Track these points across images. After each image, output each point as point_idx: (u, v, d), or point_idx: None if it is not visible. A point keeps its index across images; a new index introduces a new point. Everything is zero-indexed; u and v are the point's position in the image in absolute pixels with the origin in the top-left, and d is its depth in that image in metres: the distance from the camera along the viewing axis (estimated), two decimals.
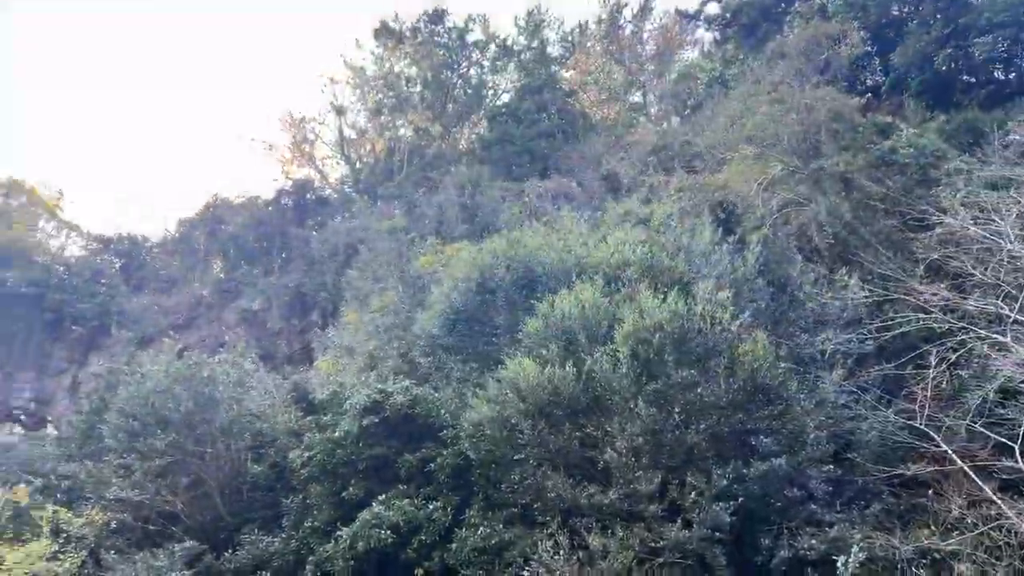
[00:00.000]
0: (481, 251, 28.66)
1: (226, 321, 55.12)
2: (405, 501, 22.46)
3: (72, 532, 27.92)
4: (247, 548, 26.12)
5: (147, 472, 27.94)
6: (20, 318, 58.03)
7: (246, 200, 68.08)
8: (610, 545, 18.38)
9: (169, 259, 69.07)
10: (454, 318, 28.03)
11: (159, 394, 28.86)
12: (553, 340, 21.74)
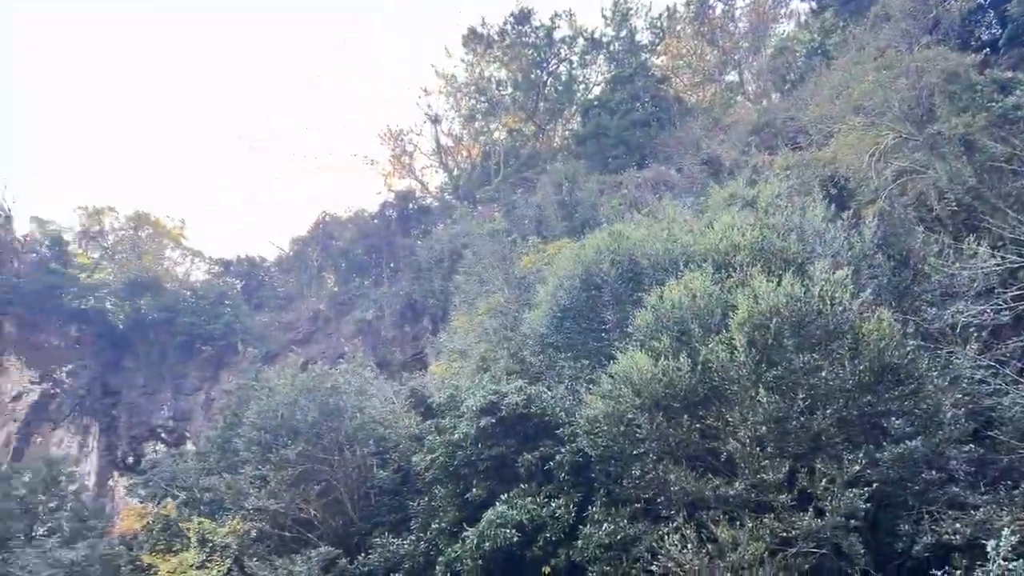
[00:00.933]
0: (584, 247, 28.56)
1: (343, 332, 57.05)
2: (527, 500, 22.65)
3: (217, 541, 29.55)
4: (378, 551, 26.97)
5: (281, 481, 29.21)
6: (155, 342, 61.89)
7: (353, 215, 70.38)
8: (739, 537, 17.97)
9: (286, 277, 72.15)
10: (561, 316, 28.07)
11: (287, 406, 30.20)
12: (665, 332, 21.44)
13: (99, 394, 59.99)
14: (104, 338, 62.08)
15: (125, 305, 64.84)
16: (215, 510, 32.59)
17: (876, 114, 31.36)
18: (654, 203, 37.22)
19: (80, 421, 58.20)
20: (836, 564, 17.97)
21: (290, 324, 61.55)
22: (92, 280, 67.32)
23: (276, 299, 69.20)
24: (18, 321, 58.59)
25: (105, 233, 71.58)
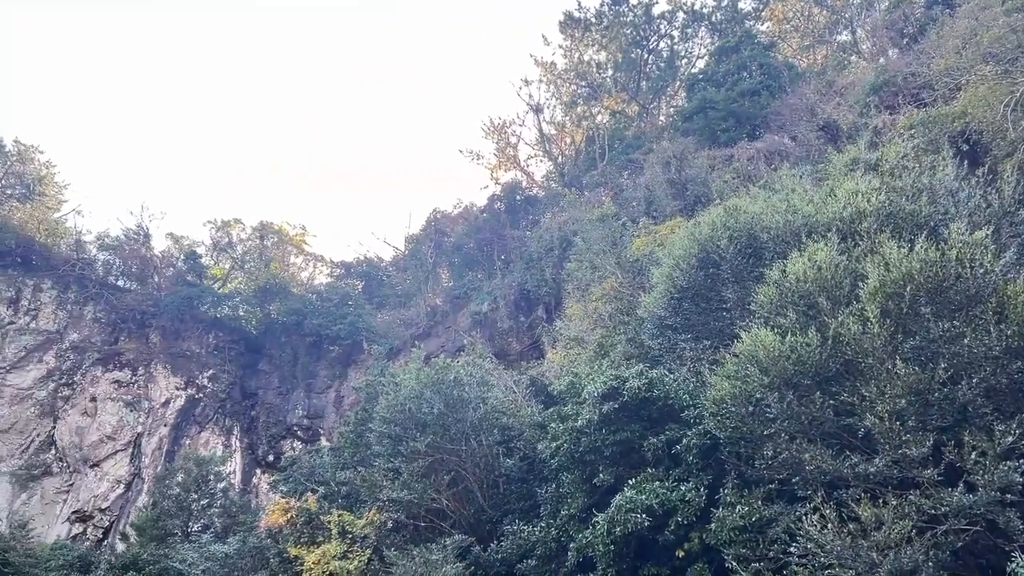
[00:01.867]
0: (698, 224, 27.94)
1: (460, 326, 58.13)
2: (656, 484, 22.46)
3: (356, 533, 30.82)
4: (510, 538, 27.41)
5: (412, 473, 30.11)
6: (286, 345, 64.99)
7: (463, 210, 71.53)
8: (883, 515, 17.18)
9: (403, 275, 74.16)
10: (679, 297, 27.57)
11: (413, 400, 31.06)
12: (790, 307, 20.71)
13: (239, 397, 63.59)
14: (240, 343, 65.71)
15: (256, 311, 68.48)
16: (352, 502, 33.98)
17: (1009, 61, 29.13)
18: (769, 174, 35.98)
19: (223, 423, 61.87)
20: (991, 541, 16.93)
21: (410, 320, 63.21)
22: (225, 289, 71.42)
23: (395, 297, 71.24)
24: (162, 332, 62.78)
25: (234, 244, 75.63)
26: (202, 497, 46.33)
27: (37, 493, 55.86)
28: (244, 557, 35.97)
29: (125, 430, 58.45)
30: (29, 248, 63.00)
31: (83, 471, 56.75)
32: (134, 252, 69.01)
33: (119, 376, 60.53)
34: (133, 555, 40.86)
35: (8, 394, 58.08)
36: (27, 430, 57.32)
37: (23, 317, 61.10)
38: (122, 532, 51.92)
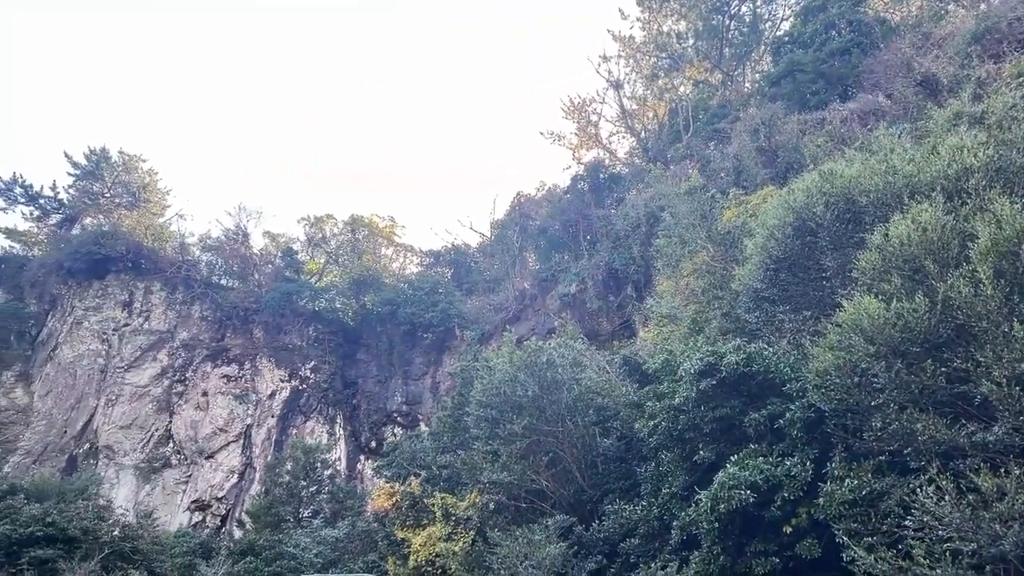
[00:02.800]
0: (792, 192, 27.05)
1: (549, 308, 58.21)
2: (759, 460, 22.00)
3: (459, 515, 31.45)
4: (611, 518, 27.43)
5: (511, 455, 30.48)
6: (382, 334, 66.59)
7: (546, 192, 71.44)
8: (1006, 485, 16.33)
9: (490, 261, 74.76)
10: (775, 268, 26.83)
11: (507, 383, 31.37)
12: (894, 272, 19.85)
13: (340, 386, 65.63)
14: (338, 335, 67.72)
15: (352, 303, 70.37)
16: (454, 485, 34.68)
17: None
18: (865, 136, 34.47)
19: (327, 412, 64.01)
20: None
21: (499, 305, 63.70)
22: (322, 283, 73.66)
23: (484, 282, 71.91)
24: (265, 327, 65.29)
25: (327, 239, 77.82)
26: (311, 484, 48.16)
27: (159, 484, 59.19)
28: (353, 540, 37.30)
29: (236, 422, 61.20)
30: (138, 253, 66.44)
31: (199, 462, 59.77)
32: (234, 251, 71.92)
33: (227, 371, 63.35)
34: (250, 541, 42.87)
35: (127, 392, 61.65)
36: (147, 425, 60.75)
37: (136, 318, 64.67)
38: (238, 519, 54.54)
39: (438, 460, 36.86)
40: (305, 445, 51.23)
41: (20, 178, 70.77)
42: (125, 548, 40.73)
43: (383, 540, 35.25)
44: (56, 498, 43.24)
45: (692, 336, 31.17)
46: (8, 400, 61.38)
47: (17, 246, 71.42)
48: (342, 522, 40.64)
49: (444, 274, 74.59)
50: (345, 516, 42.74)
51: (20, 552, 37.37)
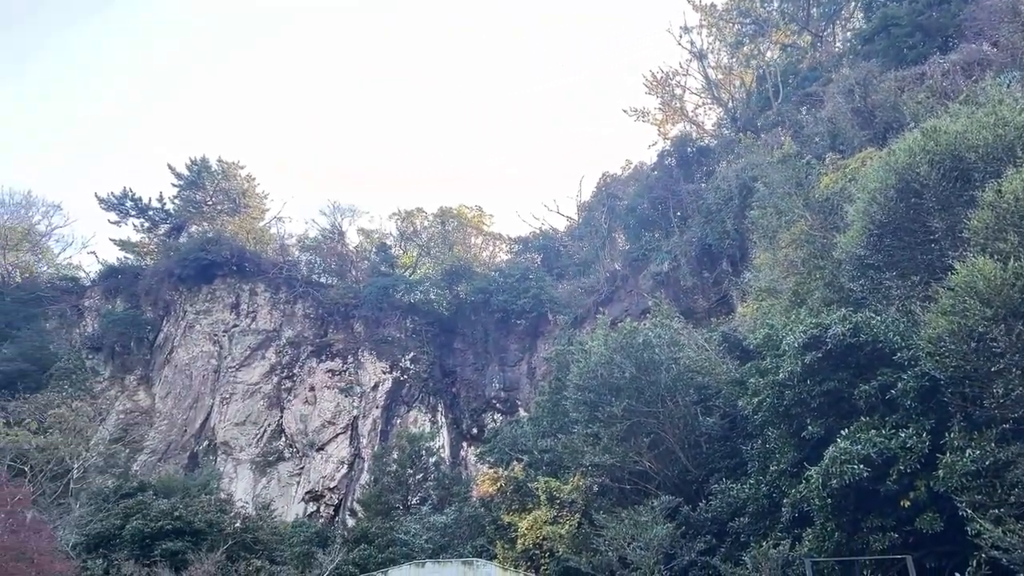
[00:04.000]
0: (893, 153, 25.88)
1: (642, 288, 57.56)
2: (872, 432, 21.24)
3: (563, 498, 31.60)
4: (719, 497, 27.05)
5: (612, 437, 30.37)
6: (476, 323, 67.43)
7: (632, 170, 70.53)
8: None
9: (579, 244, 74.47)
10: (878, 233, 25.76)
11: (604, 365, 31.25)
12: (1010, 230, 18.78)
13: (439, 375, 66.86)
14: (434, 325, 68.95)
15: (445, 293, 71.47)
16: (556, 469, 34.85)
17: None
18: (970, 88, 32.55)
19: (428, 401, 65.36)
20: None
21: (591, 288, 63.44)
22: (416, 276, 75.07)
23: (574, 266, 71.73)
24: (365, 321, 67.10)
25: (418, 232, 79.23)
26: (417, 472, 49.32)
27: (274, 477, 61.81)
28: (461, 526, 38.02)
29: (342, 414, 63.24)
30: (242, 256, 69.31)
31: (311, 455, 62.08)
32: (332, 250, 74.15)
33: (332, 365, 65.47)
34: (362, 529, 44.28)
35: (240, 390, 64.55)
36: (260, 421, 63.49)
37: (244, 319, 67.57)
38: (350, 508, 56.41)
39: (539, 444, 37.07)
40: (410, 434, 52.49)
41: (130, 192, 74.95)
42: (247, 539, 42.72)
43: (490, 525, 35.80)
44: (181, 493, 45.72)
45: (794, 309, 30.26)
46: (132, 403, 65.23)
47: (131, 257, 75.67)
48: (449, 508, 41.47)
49: (533, 260, 74.80)
50: (452, 502, 43.59)
51: (152, 545, 39.72)
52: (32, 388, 59.42)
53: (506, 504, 35.15)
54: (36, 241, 79.59)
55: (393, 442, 54.54)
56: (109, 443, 58.98)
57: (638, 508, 28.06)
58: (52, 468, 46.74)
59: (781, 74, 60.89)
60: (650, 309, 45.90)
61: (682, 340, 33.44)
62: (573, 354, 36.56)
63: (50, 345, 66.82)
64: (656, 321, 33.86)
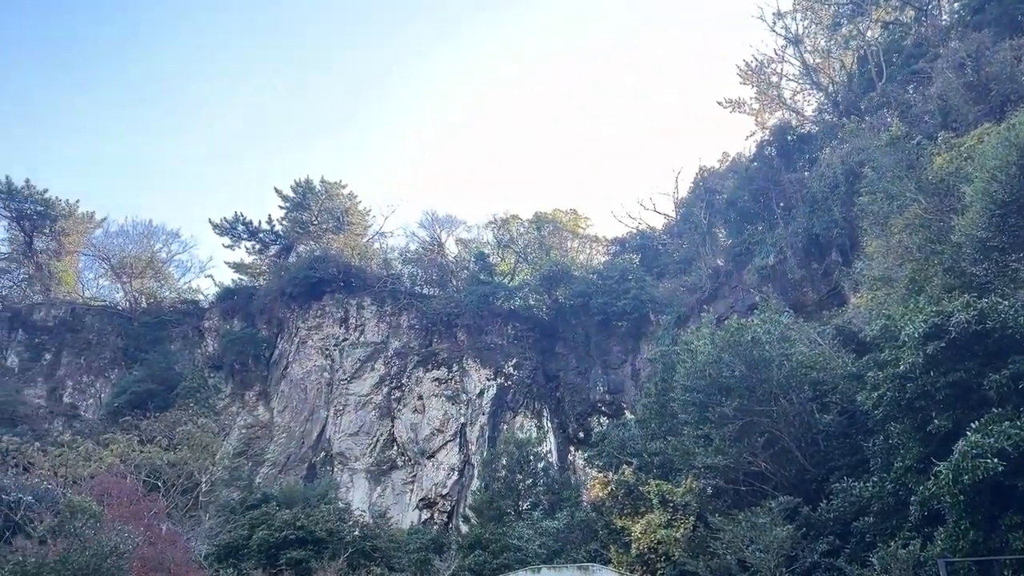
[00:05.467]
0: (1013, 127, 24.46)
1: (747, 283, 56.06)
2: (1005, 424, 20.01)
3: (676, 501, 31.12)
4: (840, 496, 26.10)
5: (723, 438, 29.74)
6: (577, 327, 67.32)
7: (730, 163, 68.89)
8: None
9: (678, 241, 73.26)
10: (1001, 213, 24.39)
11: (711, 365, 30.64)
12: None
13: (543, 380, 67.07)
14: (535, 331, 69.26)
15: (544, 298, 71.72)
16: (667, 471, 34.36)
17: None
18: None
19: (533, 406, 65.62)
20: None
21: (693, 285, 62.21)
22: (514, 282, 75.62)
23: (673, 264, 70.55)
24: (467, 329, 68.08)
25: (514, 239, 79.75)
26: (526, 477, 49.60)
27: (388, 486, 63.42)
28: (574, 530, 37.99)
29: (450, 422, 64.30)
30: (348, 272, 71.69)
31: (422, 462, 63.40)
32: (432, 261, 75.69)
33: (438, 374, 66.72)
34: (476, 535, 44.86)
35: (352, 401, 66.64)
36: (372, 431, 65.34)
37: (353, 333, 69.79)
38: (463, 514, 57.23)
39: (648, 447, 36.63)
40: (517, 439, 52.86)
41: (241, 216, 78.89)
42: (366, 547, 44.06)
43: (603, 529, 35.58)
44: (302, 504, 47.57)
45: (911, 297, 28.80)
46: (253, 417, 68.38)
47: (245, 278, 79.64)
48: (560, 513, 41.51)
49: (632, 260, 74.00)
50: (563, 507, 43.61)
51: (278, 554, 41.51)
52: (161, 407, 63.22)
53: (618, 508, 34.85)
54: (158, 268, 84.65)
55: (501, 448, 55.06)
56: (233, 457, 62.03)
57: (755, 509, 27.32)
58: (182, 482, 49.43)
59: (884, 53, 58.20)
60: (757, 305, 44.60)
61: (793, 335, 32.38)
62: (678, 354, 35.97)
63: (175, 366, 70.95)
64: (764, 317, 32.86)
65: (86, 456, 47.53)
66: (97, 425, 63.77)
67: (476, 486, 58.08)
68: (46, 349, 75.20)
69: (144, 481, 45.23)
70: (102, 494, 35.86)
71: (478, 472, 59.79)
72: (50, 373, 73.91)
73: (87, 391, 73.19)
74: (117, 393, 68.07)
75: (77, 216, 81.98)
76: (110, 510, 33.57)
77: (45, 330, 76.27)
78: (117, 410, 64.59)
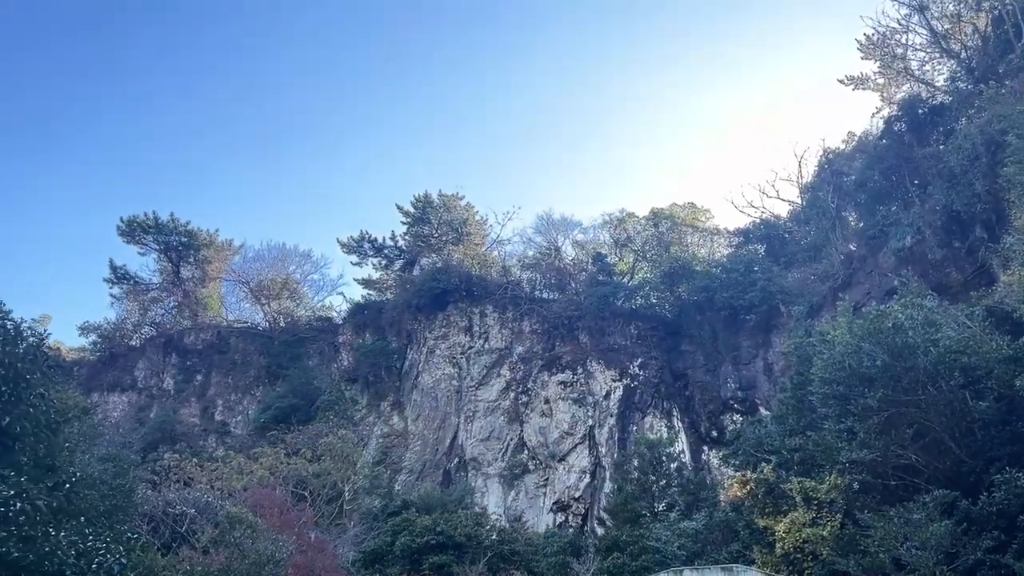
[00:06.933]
0: None
1: (883, 267, 53.24)
2: None
3: (821, 498, 29.93)
4: (1003, 488, 24.51)
5: (868, 431, 28.40)
6: (702, 323, 65.89)
7: (856, 143, 65.75)
8: None
9: (804, 228, 70.49)
10: None
11: (851, 355, 29.38)
12: None
13: (670, 379, 65.96)
14: (658, 329, 68.28)
15: (666, 295, 70.59)
16: (808, 468, 33.09)
17: None
18: None
19: (661, 406, 64.62)
20: None
21: (824, 273, 59.65)
22: (634, 281, 74.85)
23: (801, 252, 67.92)
24: (589, 331, 67.94)
25: (632, 238, 78.95)
26: (659, 478, 48.93)
27: (521, 490, 64.01)
28: (713, 531, 37.20)
29: (578, 424, 64.26)
30: (469, 282, 73.07)
31: (553, 466, 63.64)
32: (550, 266, 76.06)
33: (563, 378, 66.85)
34: (613, 538, 44.66)
35: (481, 408, 67.79)
36: (502, 436, 66.20)
37: (478, 340, 71.08)
38: (597, 517, 57.08)
39: (787, 444, 35.37)
40: (648, 440, 52.25)
41: (367, 234, 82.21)
42: (504, 550, 44.71)
43: (744, 529, 34.65)
44: (440, 509, 48.79)
45: None
46: (388, 427, 70.74)
47: (373, 293, 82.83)
48: (698, 514, 40.72)
49: (756, 251, 71.72)
50: (700, 507, 42.76)
51: (420, 559, 42.77)
52: (303, 420, 66.50)
53: (758, 507, 33.81)
54: (293, 288, 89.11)
55: (632, 449, 54.55)
56: (372, 466, 64.33)
57: (907, 505, 25.93)
58: (327, 492, 51.71)
59: (1021, 11, 54.03)
60: (896, 289, 42.30)
61: (938, 319, 30.52)
62: (814, 346, 34.66)
63: (314, 380, 74.42)
64: (905, 301, 31.14)
65: (239, 470, 50.51)
66: (246, 440, 67.70)
67: (608, 488, 57.76)
68: (197, 371, 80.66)
69: (292, 492, 47.59)
70: (255, 505, 38.02)
71: (609, 474, 59.44)
72: (202, 393, 79.18)
73: (235, 408, 77.87)
74: (263, 409, 72.01)
75: (217, 244, 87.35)
76: (263, 520, 35.54)
77: (195, 353, 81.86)
78: (263, 425, 68.42)
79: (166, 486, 45.15)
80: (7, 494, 16.61)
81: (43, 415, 19.51)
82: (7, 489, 16.68)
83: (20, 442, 18.73)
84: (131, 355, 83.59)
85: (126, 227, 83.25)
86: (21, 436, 18.64)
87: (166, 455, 53.48)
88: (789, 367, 43.44)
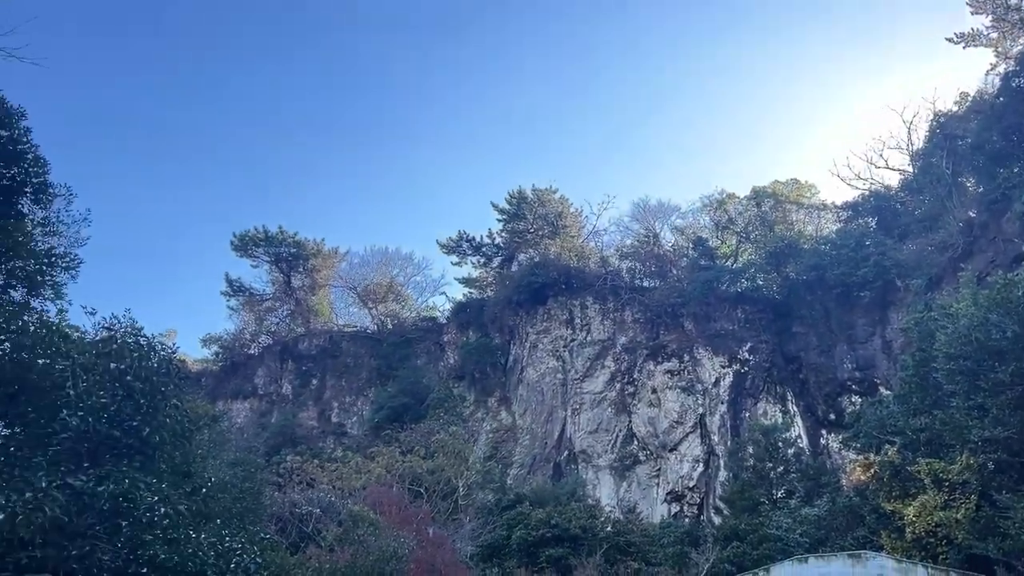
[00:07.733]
0: None
1: (1008, 232, 49.97)
2: None
3: (952, 480, 28.48)
4: None
5: (1001, 407, 26.92)
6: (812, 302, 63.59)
7: (970, 103, 62.03)
8: None
9: (918, 197, 67.07)
10: None
11: (977, 328, 27.91)
12: None
13: (782, 363, 64.00)
14: (766, 312, 66.32)
15: (773, 276, 68.48)
16: (936, 449, 31.55)
17: None
18: None
19: (774, 390, 62.83)
20: None
21: (943, 243, 56.51)
22: (738, 264, 72.94)
23: (916, 223, 64.59)
24: (694, 318, 66.67)
25: (733, 219, 76.92)
26: (776, 465, 47.69)
27: (633, 480, 63.54)
28: (836, 517, 36.01)
29: (688, 413, 63.22)
30: (567, 274, 73.06)
31: (664, 455, 62.87)
32: (649, 253, 75.06)
33: (669, 366, 65.91)
34: (731, 526, 43.78)
35: (587, 400, 67.65)
36: (611, 427, 65.88)
37: (580, 333, 70.95)
38: (713, 506, 56.07)
39: (911, 424, 33.81)
40: (762, 426, 50.98)
41: (465, 234, 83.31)
42: (620, 542, 44.56)
43: (870, 514, 33.37)
44: (553, 502, 49.04)
45: None
46: (497, 422, 71.59)
47: (474, 291, 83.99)
48: (820, 500, 39.50)
49: (867, 224, 68.65)
50: (821, 493, 41.44)
51: (537, 552, 43.14)
52: (415, 419, 68.16)
53: (884, 491, 32.48)
54: (398, 291, 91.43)
55: (746, 436, 53.28)
56: (484, 461, 65.22)
57: None
58: (441, 488, 52.79)
59: None
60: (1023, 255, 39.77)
61: None
62: (936, 320, 33.00)
63: (423, 379, 76.13)
64: None
65: (357, 469, 52.25)
66: (362, 440, 69.97)
67: (723, 477, 56.66)
68: (312, 375, 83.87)
69: (408, 489, 48.85)
70: (375, 503, 39.26)
71: (724, 462, 58.28)
72: (318, 396, 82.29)
73: (350, 410, 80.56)
74: (376, 409, 74.22)
75: (324, 253, 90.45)
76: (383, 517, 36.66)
77: (310, 358, 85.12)
78: (377, 425, 70.55)
79: (290, 487, 47.17)
80: (152, 500, 17.76)
81: (178, 424, 20.76)
82: (152, 495, 17.82)
83: (159, 451, 20.01)
84: (251, 363, 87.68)
85: (239, 242, 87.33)
86: (160, 445, 19.91)
87: (288, 458, 55.84)
88: (909, 344, 41.47)
